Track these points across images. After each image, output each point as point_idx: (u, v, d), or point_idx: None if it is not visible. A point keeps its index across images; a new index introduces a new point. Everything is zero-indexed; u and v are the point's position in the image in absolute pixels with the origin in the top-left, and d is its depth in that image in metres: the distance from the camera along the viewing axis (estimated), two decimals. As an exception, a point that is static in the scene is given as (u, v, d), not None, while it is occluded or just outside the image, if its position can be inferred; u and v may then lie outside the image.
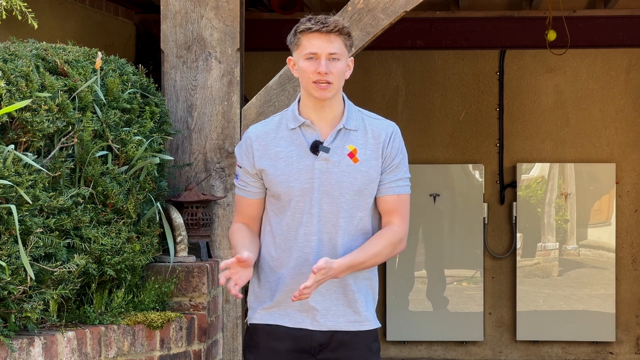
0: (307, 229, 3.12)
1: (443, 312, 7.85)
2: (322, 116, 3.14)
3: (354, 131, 3.15)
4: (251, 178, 3.18)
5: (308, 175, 3.11)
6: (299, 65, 3.11)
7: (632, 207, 7.90)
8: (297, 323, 3.13)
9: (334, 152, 3.11)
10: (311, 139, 3.13)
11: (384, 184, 3.18)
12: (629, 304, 7.90)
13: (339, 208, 3.12)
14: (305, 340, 3.13)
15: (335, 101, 3.14)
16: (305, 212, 3.12)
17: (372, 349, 3.18)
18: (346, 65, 3.13)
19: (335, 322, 3.13)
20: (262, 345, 3.16)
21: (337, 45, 3.07)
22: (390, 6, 3.89)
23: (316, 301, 3.11)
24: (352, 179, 3.11)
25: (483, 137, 7.98)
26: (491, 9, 7.58)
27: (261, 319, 3.18)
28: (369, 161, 3.13)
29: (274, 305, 3.15)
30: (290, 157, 3.13)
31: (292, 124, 3.15)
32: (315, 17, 3.10)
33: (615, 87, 7.89)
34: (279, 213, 3.15)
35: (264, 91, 3.96)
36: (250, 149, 3.17)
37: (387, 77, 8.01)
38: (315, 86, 3.07)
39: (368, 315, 3.17)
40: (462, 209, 7.87)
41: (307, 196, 3.11)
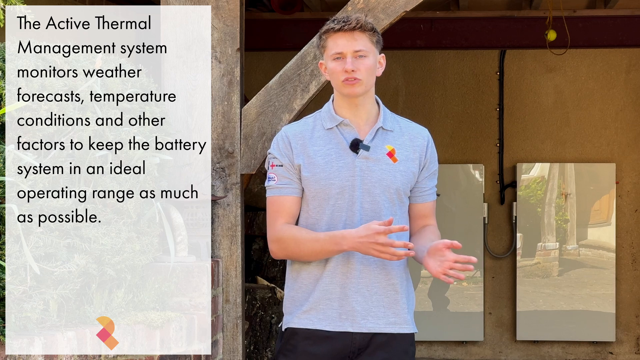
0: (348, 227, 3.08)
1: (443, 312, 7.85)
2: (358, 115, 3.13)
3: (390, 132, 3.15)
4: (295, 174, 3.14)
5: (349, 173, 3.09)
6: (328, 66, 3.10)
7: (632, 207, 7.90)
8: (337, 326, 3.10)
9: (373, 151, 3.10)
10: (350, 137, 3.12)
11: (425, 190, 3.19)
12: (629, 304, 7.90)
13: (380, 207, 3.10)
14: (345, 343, 3.10)
15: (368, 100, 3.14)
16: (346, 210, 3.09)
17: (409, 352, 3.16)
18: (376, 62, 3.12)
19: (375, 324, 3.10)
20: (300, 349, 3.13)
21: (362, 42, 3.07)
22: (390, 6, 3.89)
23: (357, 302, 3.08)
24: (392, 178, 3.11)
25: (483, 137, 7.98)
26: (491, 9, 7.58)
27: (300, 323, 3.14)
28: (407, 162, 3.13)
29: (312, 307, 3.11)
30: (329, 155, 3.11)
31: (328, 124, 3.14)
32: (338, 17, 3.10)
33: (615, 87, 7.89)
34: (317, 212, 3.12)
35: (264, 91, 3.96)
36: (288, 145, 3.14)
37: (387, 77, 8.01)
38: (344, 84, 3.06)
39: (407, 319, 3.15)
40: (462, 209, 7.87)
41: (347, 194, 3.09)
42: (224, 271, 3.95)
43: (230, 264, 3.96)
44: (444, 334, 7.87)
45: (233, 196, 3.96)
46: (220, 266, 3.94)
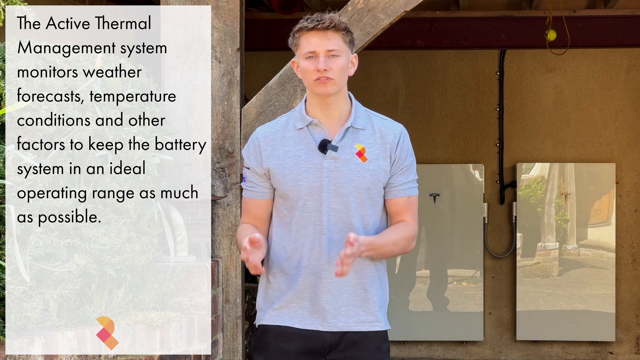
0: (316, 227, 3.10)
1: (443, 312, 7.85)
2: (329, 115, 3.13)
3: (361, 130, 3.14)
4: (260, 178, 3.17)
5: (317, 174, 3.10)
6: (300, 65, 3.11)
7: (632, 207, 7.90)
8: (308, 324, 3.11)
9: (342, 151, 3.11)
10: (319, 137, 3.12)
11: (395, 186, 3.18)
12: (629, 304, 7.90)
13: (348, 207, 3.11)
14: (316, 341, 3.11)
15: (340, 99, 3.14)
16: (314, 211, 3.10)
17: (382, 349, 3.16)
18: (348, 62, 3.11)
19: (345, 322, 3.11)
20: (272, 346, 3.15)
21: (335, 42, 3.06)
22: (390, 6, 3.89)
23: (327, 301, 3.10)
24: (361, 178, 3.11)
25: (483, 137, 7.98)
26: (491, 9, 7.58)
27: (271, 320, 3.16)
28: (377, 160, 3.13)
29: (284, 305, 3.14)
30: (299, 156, 3.12)
31: (299, 124, 3.15)
32: (312, 16, 3.10)
33: (615, 87, 7.89)
34: (288, 213, 3.14)
35: (264, 91, 3.96)
36: (258, 149, 3.17)
37: (387, 77, 8.01)
38: (316, 83, 3.06)
39: (379, 316, 3.16)
40: (462, 209, 7.87)
41: (315, 195, 3.10)
42: (224, 271, 3.95)
43: (230, 264, 3.96)
44: (444, 334, 7.87)
45: (233, 196, 3.96)
46: (220, 266, 3.93)
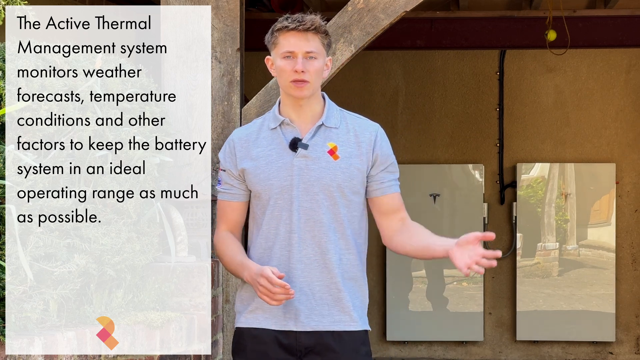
0: (287, 226, 3.11)
1: (443, 312, 7.85)
2: (302, 115, 3.14)
3: (334, 129, 3.15)
4: (235, 180, 3.19)
5: (287, 173, 3.11)
6: (276, 64, 3.12)
7: (632, 207, 7.90)
8: (282, 325, 3.11)
9: (313, 149, 3.11)
10: (291, 136, 3.13)
11: (383, 182, 3.17)
12: (629, 304, 7.90)
13: (319, 205, 3.10)
14: (291, 341, 3.11)
15: (313, 100, 3.15)
16: (284, 210, 3.11)
17: (360, 352, 3.13)
18: (324, 65, 3.13)
19: (319, 322, 3.10)
20: (249, 348, 3.16)
21: (313, 44, 3.07)
22: (390, 6, 3.89)
23: (300, 301, 3.09)
24: (332, 176, 3.10)
25: (483, 137, 7.98)
26: (491, 9, 7.58)
27: (246, 322, 3.18)
28: (350, 158, 3.13)
29: (258, 307, 3.13)
30: (270, 156, 3.13)
31: (272, 124, 3.17)
32: (292, 15, 3.10)
33: (615, 87, 7.89)
34: (261, 213, 3.16)
35: (264, 91, 3.96)
36: (233, 150, 3.19)
37: (387, 77, 8.01)
38: (292, 85, 3.07)
39: (354, 316, 3.13)
40: (462, 209, 7.87)
41: (286, 193, 3.11)
42: (224, 271, 3.95)
43: (230, 264, 3.95)
44: (444, 334, 7.87)
45: (233, 196, 3.95)
46: (220, 266, 3.93)
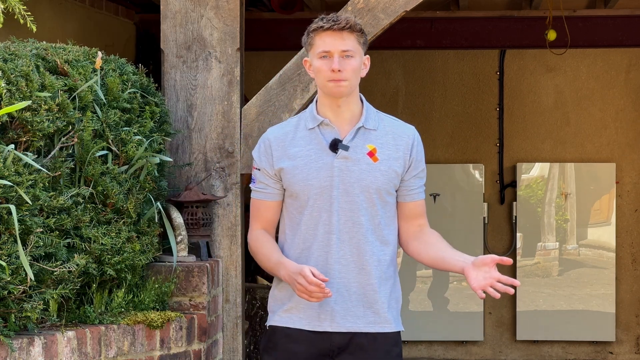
0: (326, 227, 3.10)
1: (443, 312, 7.85)
2: (340, 115, 3.13)
3: (373, 131, 3.14)
4: (271, 180, 3.17)
5: (327, 173, 3.10)
6: (313, 65, 3.11)
7: (632, 207, 7.90)
8: (316, 326, 3.11)
9: (353, 151, 3.11)
10: (330, 137, 3.12)
11: (413, 189, 3.19)
12: (629, 303, 7.90)
13: (358, 206, 3.10)
14: (324, 342, 3.10)
15: (352, 100, 3.14)
16: (324, 210, 3.10)
17: (392, 353, 3.13)
18: (361, 63, 3.12)
19: (354, 323, 3.10)
20: (281, 347, 3.15)
21: (349, 43, 3.06)
22: (390, 6, 3.89)
23: (336, 302, 3.09)
24: (372, 178, 3.10)
25: (483, 137, 7.98)
26: (491, 9, 7.58)
27: (280, 321, 3.16)
28: (389, 161, 3.13)
29: (293, 307, 3.13)
30: (309, 156, 3.12)
31: (310, 124, 3.15)
32: (327, 16, 3.10)
33: (615, 87, 7.89)
34: (298, 213, 3.14)
35: (264, 91, 3.96)
36: (269, 150, 3.17)
37: (387, 77, 8.01)
38: (329, 84, 3.07)
39: (389, 317, 3.14)
40: (462, 209, 7.87)
41: (325, 194, 3.10)
42: (224, 271, 3.96)
43: (230, 264, 3.96)
44: (444, 334, 7.87)
45: (233, 196, 3.96)
46: (220, 266, 3.94)
